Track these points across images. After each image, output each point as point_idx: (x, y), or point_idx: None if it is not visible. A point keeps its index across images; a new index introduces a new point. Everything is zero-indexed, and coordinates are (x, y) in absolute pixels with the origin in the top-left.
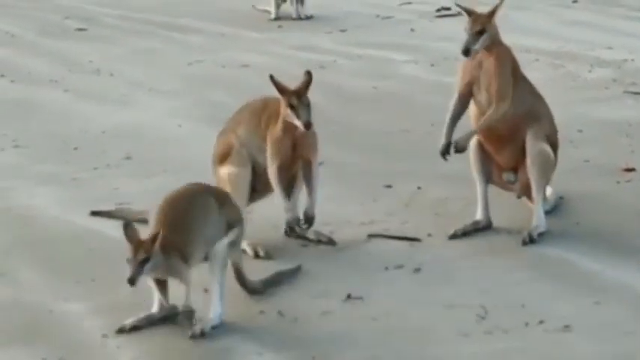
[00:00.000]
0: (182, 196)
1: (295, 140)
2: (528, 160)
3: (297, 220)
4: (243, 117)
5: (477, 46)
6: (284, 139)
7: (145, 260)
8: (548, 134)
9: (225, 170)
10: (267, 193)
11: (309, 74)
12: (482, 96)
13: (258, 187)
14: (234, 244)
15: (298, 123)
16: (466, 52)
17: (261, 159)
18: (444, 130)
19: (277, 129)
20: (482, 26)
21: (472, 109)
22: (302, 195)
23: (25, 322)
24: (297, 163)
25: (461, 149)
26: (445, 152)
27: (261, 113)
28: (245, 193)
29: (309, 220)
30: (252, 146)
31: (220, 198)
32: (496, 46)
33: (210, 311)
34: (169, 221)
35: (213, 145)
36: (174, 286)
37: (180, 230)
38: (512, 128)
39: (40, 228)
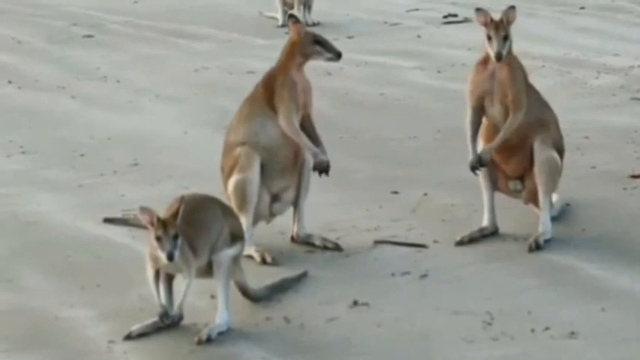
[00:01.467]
0: (192, 198)
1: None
2: (536, 167)
3: (326, 163)
4: (243, 108)
5: (505, 51)
6: (295, 88)
7: (177, 236)
8: (555, 140)
9: (233, 179)
10: (285, 192)
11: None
12: (495, 109)
13: (274, 183)
14: (236, 259)
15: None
16: (499, 56)
17: (273, 134)
18: (470, 147)
19: (286, 83)
20: (506, 32)
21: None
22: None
23: (31, 328)
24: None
25: (485, 163)
26: (475, 167)
27: (261, 90)
28: (253, 197)
29: (326, 166)
30: (262, 128)
31: (225, 210)
32: (510, 53)
33: (217, 317)
34: (182, 215)
35: (220, 159)
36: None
37: (191, 224)
38: (521, 137)
39: (46, 234)
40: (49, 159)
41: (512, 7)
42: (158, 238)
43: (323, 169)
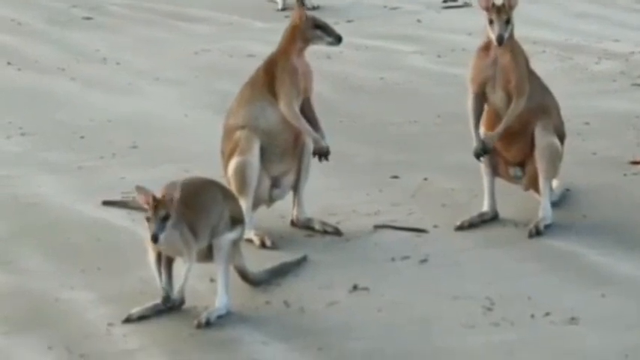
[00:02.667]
0: (193, 181)
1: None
2: (537, 153)
3: (326, 148)
4: (244, 92)
5: (507, 34)
6: (296, 73)
7: (166, 217)
8: (556, 126)
9: (233, 162)
10: (285, 176)
11: None
12: (497, 95)
13: (274, 167)
14: (236, 243)
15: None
16: (500, 39)
17: (273, 119)
18: (473, 134)
19: (287, 67)
20: (508, 16)
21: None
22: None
23: (31, 310)
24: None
25: (489, 150)
26: (480, 154)
27: (261, 74)
28: (253, 180)
29: (326, 151)
30: (262, 112)
31: (226, 193)
32: (511, 42)
33: (216, 301)
34: (181, 196)
35: (220, 143)
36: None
37: (191, 206)
38: (522, 122)
39: (46, 216)
40: (48, 141)
41: None
42: (147, 219)
43: (323, 154)
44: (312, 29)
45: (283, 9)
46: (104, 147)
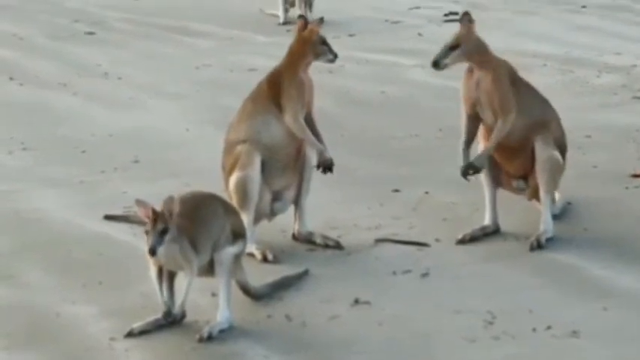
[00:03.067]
0: (194, 195)
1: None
2: (537, 166)
3: (330, 161)
4: (245, 106)
5: (447, 60)
6: (302, 87)
7: (165, 231)
8: (557, 138)
9: (234, 177)
10: (286, 190)
11: None
12: (486, 115)
13: (275, 181)
14: (238, 257)
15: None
16: (434, 64)
17: (276, 133)
18: (461, 153)
19: (294, 81)
20: (457, 41)
21: (480, 127)
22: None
23: (33, 325)
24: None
25: (478, 170)
26: (466, 174)
27: (265, 87)
28: (254, 195)
29: (330, 163)
30: (265, 126)
31: (227, 208)
32: (488, 61)
33: (218, 315)
34: (182, 210)
35: (221, 157)
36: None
37: (192, 221)
38: (521, 139)
39: (47, 231)
40: (50, 156)
41: (466, 14)
42: (146, 232)
43: (327, 166)
44: (321, 45)
45: (284, 23)
46: (106, 161)
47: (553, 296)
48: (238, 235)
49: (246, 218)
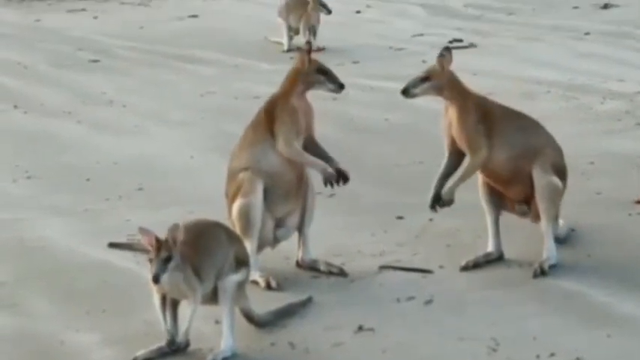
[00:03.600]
0: (198, 223)
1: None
2: (536, 194)
3: (335, 174)
4: (246, 134)
5: (416, 90)
6: (295, 113)
7: (168, 259)
8: (554, 162)
9: (237, 204)
10: (289, 217)
11: None
12: (464, 149)
13: (278, 209)
14: (241, 285)
15: (332, 86)
16: (404, 91)
17: (275, 161)
18: (433, 184)
19: (286, 108)
20: (428, 74)
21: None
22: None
23: (37, 353)
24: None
25: (447, 203)
26: (434, 205)
27: (262, 116)
28: (257, 222)
29: (344, 174)
30: (264, 154)
31: (231, 235)
32: (457, 98)
33: (222, 343)
34: (186, 238)
35: (225, 186)
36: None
37: (196, 249)
38: (513, 169)
39: (51, 259)
40: (54, 184)
41: (447, 49)
42: (150, 260)
43: (334, 179)
44: (314, 74)
45: (289, 50)
46: (110, 189)
47: (557, 323)
48: (242, 262)
49: (249, 245)
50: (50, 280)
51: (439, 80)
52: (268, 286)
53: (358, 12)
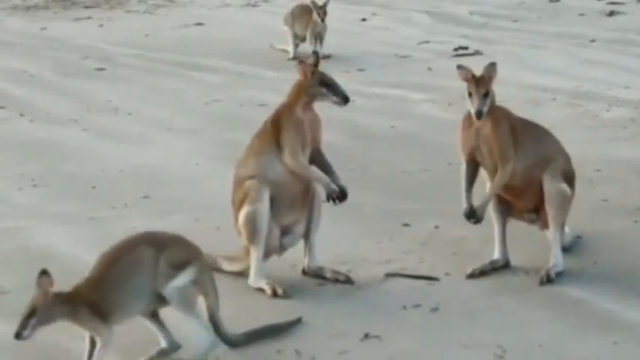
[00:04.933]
0: (113, 252)
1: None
2: (546, 201)
3: (338, 192)
4: (253, 143)
5: (486, 108)
6: (301, 125)
7: (31, 314)
8: (563, 170)
9: (243, 211)
10: (296, 226)
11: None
12: (486, 162)
13: (283, 217)
14: (186, 289)
15: (335, 99)
16: (479, 114)
17: (281, 171)
18: (463, 198)
19: (292, 120)
20: (487, 89)
21: (482, 171)
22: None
23: None
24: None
25: (479, 219)
26: (471, 216)
27: (269, 126)
28: (263, 229)
29: (344, 192)
30: (270, 164)
31: (162, 244)
32: (491, 111)
33: (201, 342)
34: (92, 276)
35: (231, 193)
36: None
37: (99, 284)
38: (526, 178)
39: (57, 267)
40: (60, 192)
41: (493, 64)
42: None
43: (336, 197)
44: (317, 87)
45: (294, 58)
46: (116, 197)
47: (563, 330)
48: (179, 266)
49: (255, 252)
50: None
51: (493, 93)
52: (274, 294)
53: (364, 20)
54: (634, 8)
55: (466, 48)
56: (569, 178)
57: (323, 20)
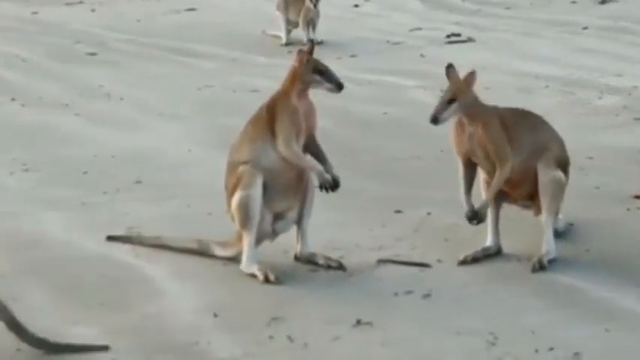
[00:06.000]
0: None
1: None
2: (540, 189)
3: (331, 181)
4: (247, 129)
5: (445, 115)
6: (296, 114)
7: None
8: (558, 157)
9: (236, 196)
10: (288, 212)
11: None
12: (483, 163)
13: (276, 204)
14: None
15: (329, 86)
16: (434, 120)
17: (275, 158)
18: (464, 200)
19: (287, 107)
20: (454, 95)
21: (479, 170)
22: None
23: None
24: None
25: (482, 219)
26: (473, 218)
27: (264, 113)
28: (256, 214)
29: (337, 182)
30: (264, 151)
31: None
32: (480, 114)
33: None
34: None
35: (224, 178)
36: None
37: None
38: (523, 170)
39: (49, 252)
40: (52, 177)
41: (473, 73)
42: None
43: (329, 186)
44: (311, 74)
45: (287, 44)
46: (108, 182)
47: (555, 317)
48: None
49: (247, 237)
50: (48, 273)
51: (465, 99)
52: (266, 280)
53: (356, 6)
54: None
55: (458, 35)
56: (564, 164)
57: (315, 6)
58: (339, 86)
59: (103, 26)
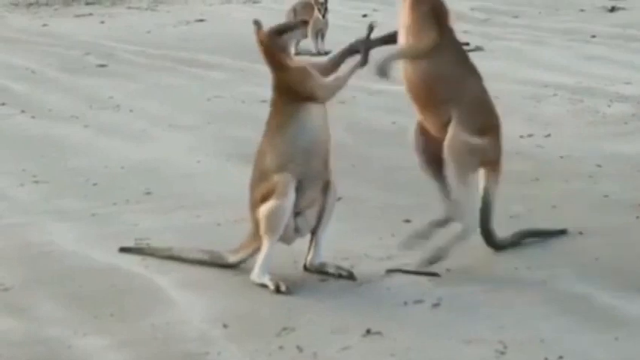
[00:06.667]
0: None
1: None
2: (444, 150)
3: (368, 53)
4: (269, 126)
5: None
6: (299, 62)
7: None
8: (479, 124)
9: (269, 204)
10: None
11: None
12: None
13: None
14: None
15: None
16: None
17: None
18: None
19: (289, 74)
20: None
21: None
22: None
23: (45, 358)
24: None
25: (384, 73)
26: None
27: (277, 98)
28: (282, 227)
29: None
30: (298, 129)
31: None
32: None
33: None
34: None
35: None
36: None
37: None
38: (429, 90)
39: (59, 263)
40: (62, 188)
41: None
42: None
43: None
44: (277, 37)
45: (296, 54)
46: (117, 194)
47: (565, 326)
48: None
49: (267, 247)
50: (57, 284)
51: None
52: (278, 290)
53: (365, 15)
54: (635, 4)
55: (467, 44)
56: (484, 132)
57: (324, 16)
58: (302, 23)
59: (113, 38)
